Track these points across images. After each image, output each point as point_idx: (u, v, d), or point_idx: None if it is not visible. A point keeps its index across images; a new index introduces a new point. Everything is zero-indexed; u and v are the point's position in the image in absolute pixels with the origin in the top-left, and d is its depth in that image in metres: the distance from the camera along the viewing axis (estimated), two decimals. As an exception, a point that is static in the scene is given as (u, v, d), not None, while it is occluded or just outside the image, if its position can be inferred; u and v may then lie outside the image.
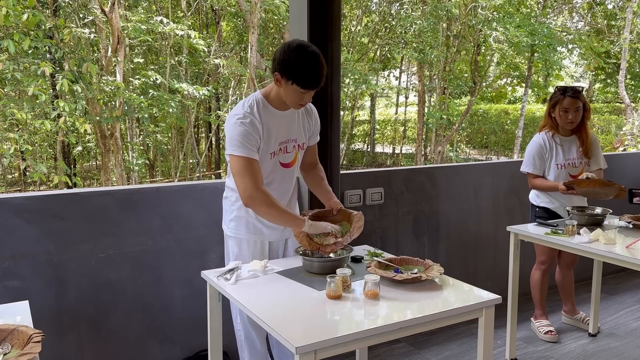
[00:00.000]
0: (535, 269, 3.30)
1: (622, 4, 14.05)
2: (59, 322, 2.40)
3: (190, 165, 13.17)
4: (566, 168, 3.11)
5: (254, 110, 2.10)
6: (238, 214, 2.26)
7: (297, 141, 2.26)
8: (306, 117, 2.30)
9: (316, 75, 2.01)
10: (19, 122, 9.11)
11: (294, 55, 1.98)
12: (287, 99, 2.09)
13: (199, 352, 2.72)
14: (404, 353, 3.04)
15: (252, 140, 2.06)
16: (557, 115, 3.07)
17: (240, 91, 12.22)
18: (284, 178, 2.27)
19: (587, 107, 3.09)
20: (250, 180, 2.04)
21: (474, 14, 13.20)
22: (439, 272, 1.90)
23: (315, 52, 2.01)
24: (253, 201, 2.05)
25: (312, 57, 2.00)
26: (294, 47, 2.00)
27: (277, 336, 1.50)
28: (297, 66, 1.98)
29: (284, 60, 1.99)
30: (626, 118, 11.91)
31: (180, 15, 12.14)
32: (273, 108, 2.15)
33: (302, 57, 1.99)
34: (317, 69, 2.00)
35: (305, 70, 1.99)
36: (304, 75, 1.99)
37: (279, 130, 2.17)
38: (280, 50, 2.02)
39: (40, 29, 8.16)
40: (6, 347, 1.40)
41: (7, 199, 2.29)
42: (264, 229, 2.25)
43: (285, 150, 2.22)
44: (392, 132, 19.02)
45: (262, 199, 2.04)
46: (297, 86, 2.01)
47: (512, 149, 15.38)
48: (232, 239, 2.30)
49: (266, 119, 2.12)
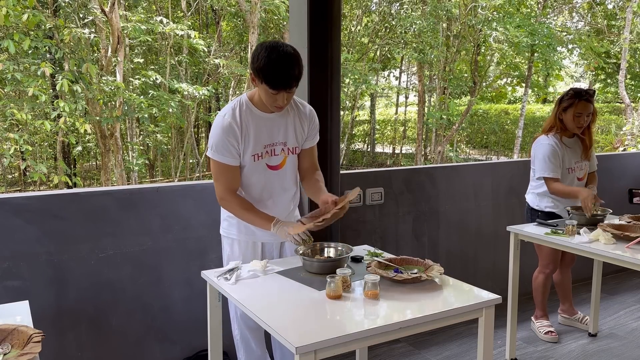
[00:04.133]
0: (539, 272, 3.27)
1: (622, 4, 14.05)
2: (59, 322, 2.40)
3: (190, 165, 13.18)
4: (575, 172, 3.10)
5: (236, 112, 2.10)
6: (230, 214, 2.27)
7: (287, 144, 2.22)
8: (299, 120, 2.24)
9: (285, 76, 1.95)
10: (19, 122, 9.11)
11: (264, 55, 1.94)
12: (264, 100, 2.07)
13: (199, 352, 2.72)
14: (404, 353, 3.04)
15: (228, 146, 2.09)
16: (568, 119, 2.98)
17: (240, 91, 12.23)
18: (273, 180, 2.24)
19: (595, 111, 3.05)
20: (222, 184, 2.14)
21: (474, 14, 13.20)
22: (439, 272, 1.90)
23: (287, 52, 1.96)
24: (224, 204, 2.18)
25: (283, 57, 1.95)
26: (266, 47, 1.96)
27: (277, 336, 1.50)
28: (267, 66, 1.94)
29: (256, 60, 1.96)
30: (626, 118, 11.92)
31: (180, 15, 12.14)
32: (258, 110, 2.14)
33: (272, 57, 1.94)
34: (287, 70, 1.95)
35: (274, 70, 1.94)
36: (273, 76, 1.94)
37: (262, 132, 2.15)
38: (255, 49, 2.00)
39: (40, 29, 8.17)
40: (6, 347, 1.40)
41: (7, 199, 2.29)
42: (256, 230, 2.24)
43: (272, 152, 2.20)
44: (392, 132, 19.02)
45: (232, 201, 2.14)
46: (266, 86, 1.97)
47: (512, 149, 15.38)
48: (225, 239, 2.33)
49: (248, 121, 2.11)
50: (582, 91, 2.98)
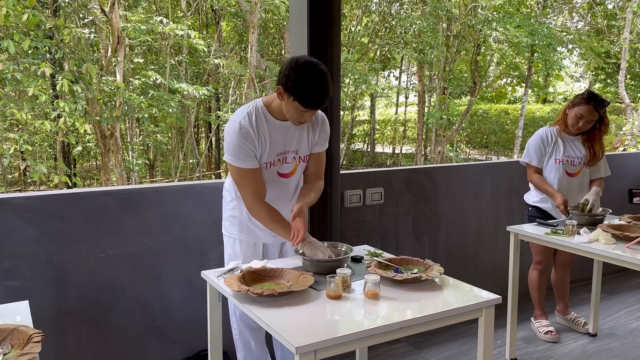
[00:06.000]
0: (532, 269, 3.30)
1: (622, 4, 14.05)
2: (59, 322, 2.40)
3: (190, 165, 13.18)
4: (564, 164, 3.10)
5: (252, 117, 2.08)
6: (232, 214, 2.28)
7: (299, 153, 2.21)
8: (311, 127, 2.22)
9: (320, 95, 1.95)
10: (19, 122, 9.11)
11: (299, 72, 1.92)
12: (287, 114, 2.04)
13: (199, 352, 2.72)
14: (404, 353, 3.04)
15: (246, 149, 2.06)
16: (571, 116, 3.01)
17: (240, 91, 12.22)
18: (282, 188, 2.24)
19: (606, 122, 3.03)
20: (249, 192, 2.10)
21: (473, 14, 13.20)
22: (439, 272, 1.90)
23: (322, 72, 1.95)
24: (253, 213, 2.15)
25: (318, 76, 1.94)
26: (301, 64, 1.94)
27: (277, 336, 1.50)
28: (301, 84, 1.92)
29: (289, 76, 1.93)
30: (626, 118, 11.92)
31: (180, 15, 12.14)
32: (273, 118, 2.12)
33: (307, 75, 1.93)
34: (322, 89, 1.95)
35: (309, 89, 1.93)
36: (307, 94, 1.94)
37: (276, 140, 2.13)
38: (287, 65, 1.96)
39: (40, 29, 8.16)
40: (6, 347, 1.40)
41: (7, 199, 2.29)
42: (257, 231, 2.24)
43: (284, 160, 2.19)
44: (392, 132, 19.03)
45: (261, 210, 2.11)
46: (298, 103, 1.95)
47: (512, 149, 15.38)
48: (227, 238, 2.33)
49: (263, 128, 2.09)
50: (596, 96, 2.97)
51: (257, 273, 1.91)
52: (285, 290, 1.71)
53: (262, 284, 1.86)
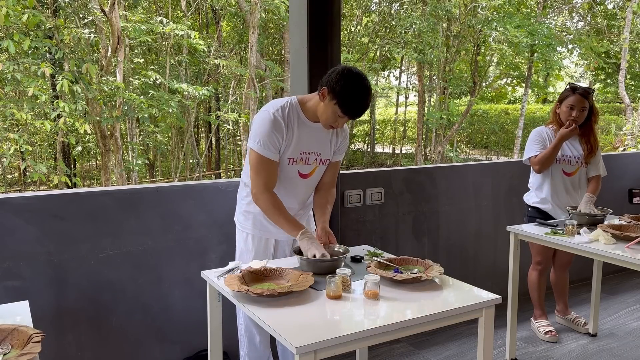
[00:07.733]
0: (532, 270, 3.30)
1: (622, 4, 14.06)
2: (59, 322, 2.40)
3: (190, 165, 13.18)
4: (561, 164, 3.10)
5: (286, 112, 2.13)
6: (247, 209, 2.30)
7: (321, 156, 2.27)
8: (336, 133, 2.29)
9: (360, 106, 2.06)
10: (19, 122, 9.12)
11: (349, 81, 2.01)
12: (323, 116, 2.11)
13: (199, 352, 2.72)
14: (404, 353, 3.04)
15: (274, 140, 2.11)
16: (562, 111, 3.03)
17: (240, 91, 12.23)
18: (300, 187, 2.28)
19: (595, 111, 3.05)
20: (261, 180, 2.13)
21: (473, 14, 13.21)
22: (439, 272, 1.90)
23: (368, 87, 2.06)
24: (258, 199, 2.16)
25: (364, 89, 2.04)
26: (352, 74, 2.03)
27: (277, 336, 1.50)
28: (347, 91, 2.01)
29: (338, 81, 2.01)
30: (626, 118, 11.92)
31: (180, 15, 12.15)
32: (304, 116, 2.17)
33: (354, 85, 2.02)
34: (364, 102, 2.05)
35: (353, 98, 2.02)
36: (350, 102, 2.03)
37: (303, 139, 2.18)
38: (339, 71, 2.04)
39: (40, 29, 8.17)
40: (6, 347, 1.40)
41: (7, 199, 2.28)
42: (271, 227, 2.27)
43: (306, 161, 2.24)
44: (392, 132, 19.04)
45: (266, 199, 2.13)
46: (338, 108, 2.03)
47: (512, 149, 15.39)
48: (240, 232, 2.35)
49: (293, 124, 2.15)
50: (578, 87, 3.04)
51: (257, 273, 1.92)
52: (285, 290, 1.71)
53: (262, 284, 1.86)
